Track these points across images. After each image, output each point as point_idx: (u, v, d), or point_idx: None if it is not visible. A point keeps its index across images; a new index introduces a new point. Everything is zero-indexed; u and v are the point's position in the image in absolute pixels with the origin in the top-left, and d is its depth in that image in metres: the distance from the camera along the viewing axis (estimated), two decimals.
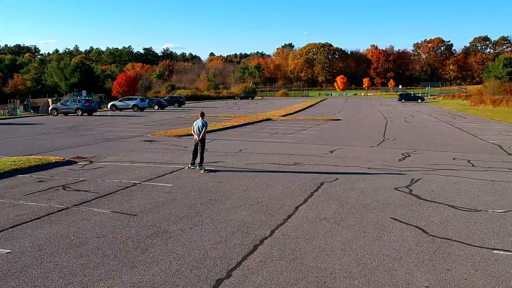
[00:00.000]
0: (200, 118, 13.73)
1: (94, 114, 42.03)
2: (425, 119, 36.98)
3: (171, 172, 13.05)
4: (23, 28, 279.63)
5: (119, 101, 51.26)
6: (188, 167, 13.56)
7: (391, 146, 19.15)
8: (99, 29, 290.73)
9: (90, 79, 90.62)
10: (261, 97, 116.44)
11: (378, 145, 19.79)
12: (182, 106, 62.52)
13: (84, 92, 56.27)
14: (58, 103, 42.72)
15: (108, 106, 50.60)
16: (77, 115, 40.46)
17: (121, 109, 49.53)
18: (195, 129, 13.59)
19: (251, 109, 56.93)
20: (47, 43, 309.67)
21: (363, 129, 27.56)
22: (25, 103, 55.46)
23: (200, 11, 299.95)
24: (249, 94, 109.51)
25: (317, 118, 37.57)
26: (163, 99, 60.98)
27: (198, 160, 13.42)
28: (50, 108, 42.12)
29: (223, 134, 24.04)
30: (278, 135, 23.99)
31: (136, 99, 50.07)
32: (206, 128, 13.58)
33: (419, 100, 77.14)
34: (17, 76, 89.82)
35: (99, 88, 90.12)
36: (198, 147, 13.41)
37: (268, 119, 35.86)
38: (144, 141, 20.87)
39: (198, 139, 13.35)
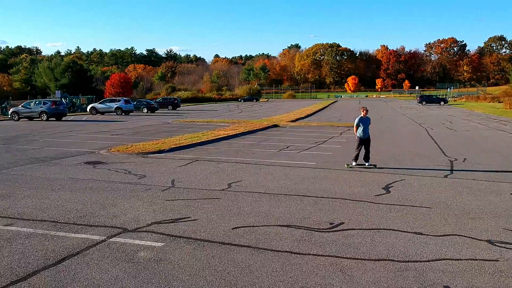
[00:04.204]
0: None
1: (63, 118, 34.86)
2: (470, 126, 29.55)
3: (62, 260, 5.81)
4: (31, 31, 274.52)
5: (99, 103, 43.97)
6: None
7: (476, 176, 11.78)
8: (104, 32, 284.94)
9: (82, 79, 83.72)
10: (266, 99, 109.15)
11: (450, 171, 12.45)
12: (177, 109, 55.23)
13: (58, 93, 49.07)
14: (20, 106, 35.56)
15: (88, 109, 43.49)
16: (42, 119, 33.34)
17: (102, 113, 42.37)
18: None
19: (255, 112, 49.66)
20: (54, 46, 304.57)
21: (405, 141, 20.21)
22: (3, 105, 48.76)
23: (205, 13, 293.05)
24: (253, 96, 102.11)
25: (335, 124, 30.25)
26: (155, 101, 53.73)
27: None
28: (10, 111, 35.00)
29: (211, 150, 16.79)
30: (290, 151, 16.71)
31: (119, 100, 42.77)
32: (355, 125, 12.95)
33: (442, 102, 69.45)
34: (2, 76, 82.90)
35: (92, 89, 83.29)
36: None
37: (275, 126, 28.58)
38: (86, 163, 13.64)
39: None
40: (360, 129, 12.88)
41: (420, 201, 8.93)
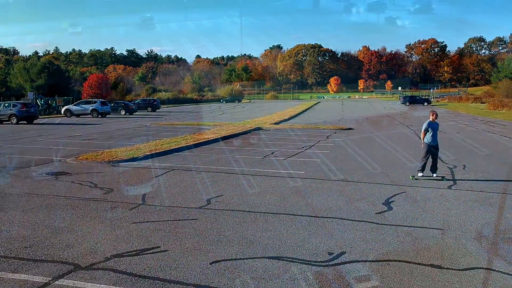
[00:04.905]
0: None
1: (35, 121, 33.02)
2: (459, 128, 28.77)
3: None
4: (8, 31, 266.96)
5: (74, 105, 42.10)
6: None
7: (482, 187, 10.68)
8: (84, 32, 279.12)
9: (60, 80, 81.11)
10: (248, 100, 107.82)
11: (453, 181, 11.35)
12: (157, 110, 53.56)
13: (31, 94, 46.93)
14: None
15: (62, 111, 41.61)
16: (12, 123, 31.48)
17: (77, 115, 40.53)
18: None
19: (238, 114, 48.35)
20: (34, 46, 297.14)
21: (397, 146, 19.15)
22: None
23: (186, 13, 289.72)
24: (235, 97, 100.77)
25: (321, 126, 29.09)
26: (133, 103, 52.00)
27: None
28: None
29: (190, 157, 15.43)
30: (275, 157, 15.45)
31: (95, 102, 40.99)
32: (423, 130, 11.78)
33: (425, 103, 69.07)
34: None
35: (70, 90, 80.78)
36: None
37: (258, 129, 27.31)
38: (48, 174, 12.15)
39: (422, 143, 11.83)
40: (429, 134, 11.64)
41: (428, 221, 7.75)
